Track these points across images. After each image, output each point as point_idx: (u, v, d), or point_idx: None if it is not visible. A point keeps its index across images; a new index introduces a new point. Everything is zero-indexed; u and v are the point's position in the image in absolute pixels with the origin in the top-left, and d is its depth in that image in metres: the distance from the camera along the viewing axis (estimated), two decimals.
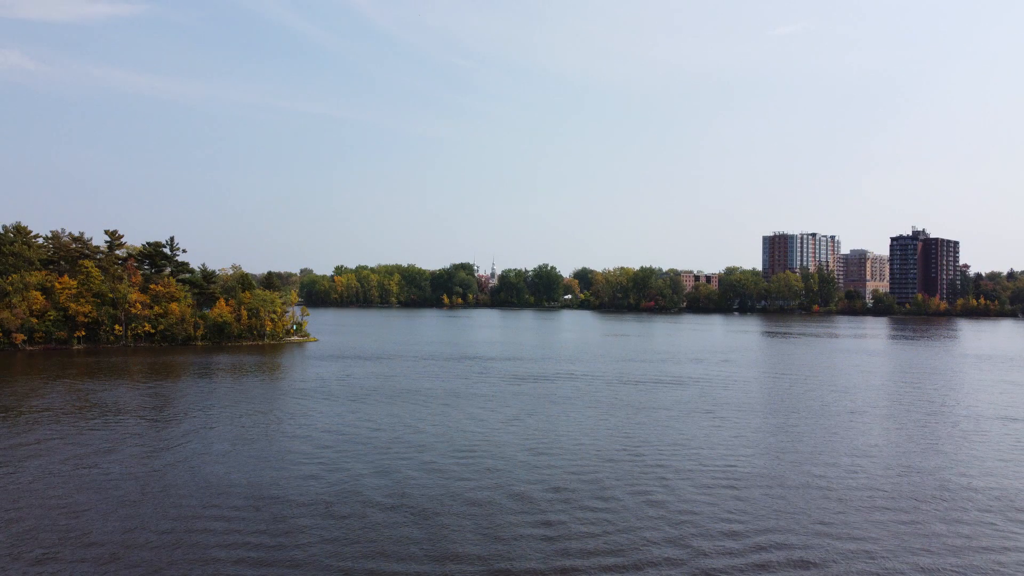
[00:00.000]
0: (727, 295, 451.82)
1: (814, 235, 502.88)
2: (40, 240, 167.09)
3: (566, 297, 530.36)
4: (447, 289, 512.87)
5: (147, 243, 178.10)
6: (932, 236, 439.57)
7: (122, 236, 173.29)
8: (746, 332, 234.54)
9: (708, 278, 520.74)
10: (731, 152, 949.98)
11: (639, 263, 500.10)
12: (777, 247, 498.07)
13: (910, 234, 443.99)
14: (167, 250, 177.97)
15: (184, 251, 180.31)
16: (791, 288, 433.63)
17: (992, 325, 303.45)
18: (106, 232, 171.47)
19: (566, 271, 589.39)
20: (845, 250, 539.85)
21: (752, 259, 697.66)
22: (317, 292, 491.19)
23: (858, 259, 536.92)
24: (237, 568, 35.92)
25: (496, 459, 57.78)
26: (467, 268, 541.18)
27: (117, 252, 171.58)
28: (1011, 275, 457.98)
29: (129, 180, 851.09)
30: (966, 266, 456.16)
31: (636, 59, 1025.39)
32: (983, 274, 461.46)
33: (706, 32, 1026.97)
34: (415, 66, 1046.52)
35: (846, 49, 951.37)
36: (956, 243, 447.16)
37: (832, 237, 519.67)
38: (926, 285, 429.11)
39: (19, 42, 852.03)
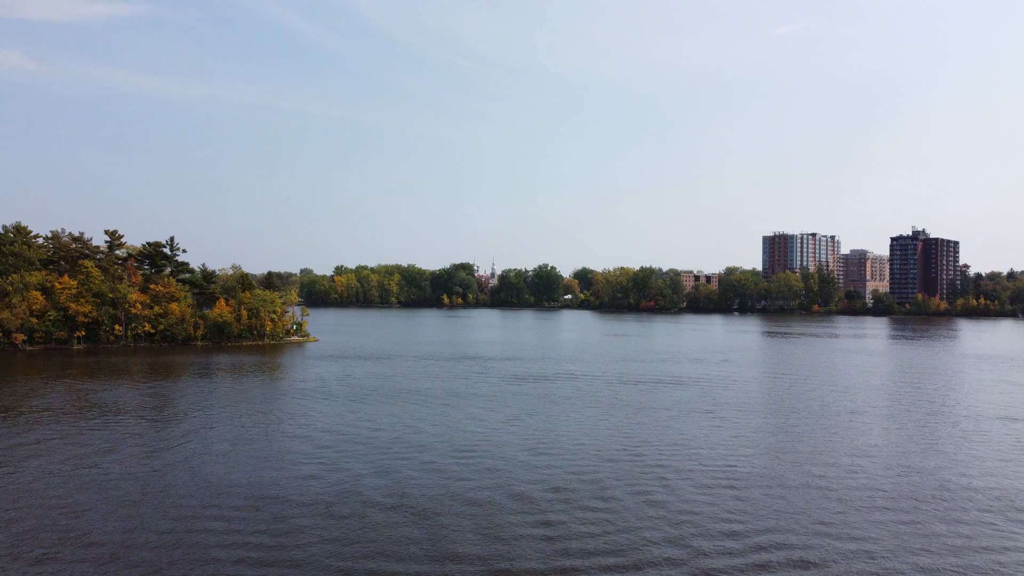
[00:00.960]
0: (727, 295, 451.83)
1: (814, 235, 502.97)
2: (40, 240, 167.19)
3: (566, 297, 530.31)
4: (447, 289, 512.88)
5: (147, 243, 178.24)
6: (932, 236, 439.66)
7: (122, 236, 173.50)
8: (746, 332, 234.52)
9: (708, 278, 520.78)
10: (731, 152, 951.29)
11: (639, 263, 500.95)
12: (777, 247, 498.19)
13: (910, 234, 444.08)
14: (167, 250, 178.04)
15: (184, 251, 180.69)
16: (791, 288, 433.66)
17: (992, 325, 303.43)
18: (106, 232, 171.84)
19: (566, 271, 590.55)
20: (845, 250, 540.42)
21: (752, 259, 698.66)
22: (317, 292, 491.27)
23: (858, 259, 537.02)
24: (237, 568, 35.93)
25: (496, 459, 57.78)
26: (467, 268, 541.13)
27: (117, 252, 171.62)
28: (1011, 275, 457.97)
29: (129, 180, 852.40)
30: (966, 266, 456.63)
31: (636, 59, 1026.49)
32: (983, 274, 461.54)
33: (706, 32, 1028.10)
34: (415, 66, 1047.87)
35: (846, 49, 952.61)
36: (956, 243, 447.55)
37: (832, 237, 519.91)
38: (926, 285, 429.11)
39: (19, 42, 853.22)
